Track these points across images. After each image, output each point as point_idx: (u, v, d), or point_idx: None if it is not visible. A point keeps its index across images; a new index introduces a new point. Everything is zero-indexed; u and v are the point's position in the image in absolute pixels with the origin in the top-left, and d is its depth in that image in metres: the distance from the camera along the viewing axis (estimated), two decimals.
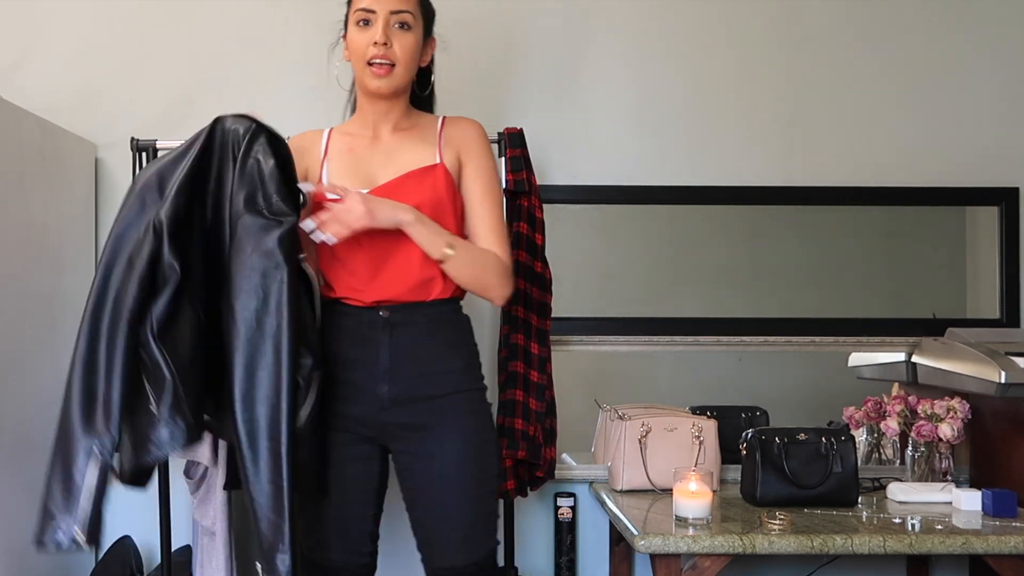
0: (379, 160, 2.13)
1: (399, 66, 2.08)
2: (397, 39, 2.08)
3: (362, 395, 2.08)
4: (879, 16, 3.15)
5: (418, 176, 2.09)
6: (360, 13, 2.09)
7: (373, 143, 2.16)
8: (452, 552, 2.09)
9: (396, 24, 2.08)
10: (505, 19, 3.09)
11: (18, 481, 2.57)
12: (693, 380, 3.19)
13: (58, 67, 3.04)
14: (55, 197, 2.79)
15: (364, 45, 2.08)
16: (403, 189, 2.07)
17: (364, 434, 2.11)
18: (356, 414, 2.09)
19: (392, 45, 2.07)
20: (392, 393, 2.07)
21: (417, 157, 2.12)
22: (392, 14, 2.07)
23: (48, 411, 2.72)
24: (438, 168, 2.11)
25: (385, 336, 2.07)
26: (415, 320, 2.08)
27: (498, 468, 2.17)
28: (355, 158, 2.14)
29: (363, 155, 2.14)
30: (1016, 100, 3.15)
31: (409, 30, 2.09)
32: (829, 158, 3.13)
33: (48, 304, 2.74)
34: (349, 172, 2.12)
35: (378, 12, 2.07)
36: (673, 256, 3.21)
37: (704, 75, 3.13)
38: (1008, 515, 2.46)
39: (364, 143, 2.16)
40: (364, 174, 2.11)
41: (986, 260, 3.16)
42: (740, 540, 2.25)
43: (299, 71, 3.05)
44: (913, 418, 2.79)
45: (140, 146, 2.73)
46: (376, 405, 2.08)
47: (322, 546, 2.10)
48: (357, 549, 2.13)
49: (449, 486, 2.07)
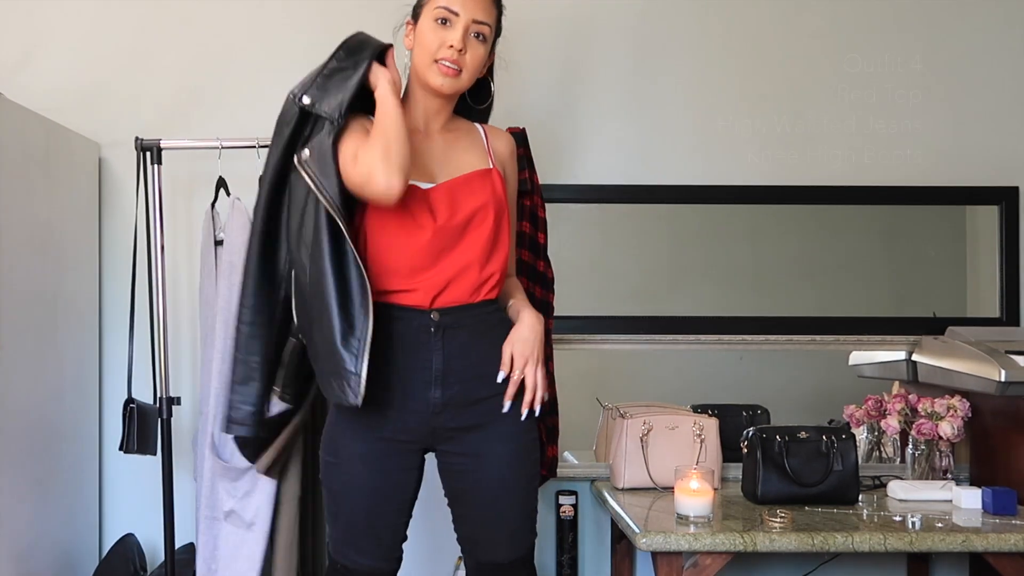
0: (435, 157, 2.12)
1: (465, 72, 2.07)
2: (471, 48, 2.07)
3: (412, 401, 2.05)
4: (879, 16, 3.16)
5: (481, 177, 2.10)
6: (442, 11, 2.06)
7: (426, 138, 2.13)
8: (498, 548, 2.10)
9: (474, 33, 2.07)
10: (507, 19, 3.09)
11: (21, 480, 2.58)
12: (694, 379, 3.19)
13: (62, 67, 3.05)
14: (59, 196, 2.80)
15: (438, 44, 2.06)
16: (471, 187, 2.08)
17: (408, 441, 2.08)
18: (405, 421, 2.06)
19: (466, 52, 2.06)
20: (444, 398, 2.05)
21: (472, 160, 2.13)
22: (474, 23, 2.06)
23: (50, 411, 2.74)
24: (495, 172, 2.13)
25: (437, 340, 2.05)
26: (464, 322, 2.06)
27: (541, 463, 2.18)
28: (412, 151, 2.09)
29: (419, 148, 2.11)
30: (1016, 100, 3.16)
31: (484, 42, 2.09)
32: (829, 158, 3.13)
33: (51, 303, 2.75)
34: None
35: (461, 16, 2.05)
36: (674, 255, 3.22)
37: (705, 75, 3.14)
38: (1008, 513, 2.47)
39: (418, 136, 2.13)
40: (423, 167, 2.09)
41: (986, 259, 3.17)
42: (741, 538, 2.26)
43: (305, 71, 3.05)
44: (913, 416, 2.80)
45: (144, 146, 2.73)
46: (427, 410, 2.05)
47: (354, 551, 2.10)
48: (388, 555, 2.12)
49: (501, 486, 2.07)
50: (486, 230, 2.06)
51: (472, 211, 2.06)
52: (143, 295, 2.77)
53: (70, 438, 2.85)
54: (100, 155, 3.05)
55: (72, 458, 2.86)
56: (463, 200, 2.06)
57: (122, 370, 2.81)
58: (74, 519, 2.87)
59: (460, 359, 2.05)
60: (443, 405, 2.05)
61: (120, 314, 2.94)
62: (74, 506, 2.87)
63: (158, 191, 2.73)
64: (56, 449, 2.76)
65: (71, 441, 2.85)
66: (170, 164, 2.82)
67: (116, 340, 3.01)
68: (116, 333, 3.01)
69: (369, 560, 2.10)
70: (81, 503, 2.92)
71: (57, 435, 2.77)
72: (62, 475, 2.80)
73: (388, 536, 2.11)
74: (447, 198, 2.06)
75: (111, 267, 3.04)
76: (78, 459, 2.90)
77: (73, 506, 2.86)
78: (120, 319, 2.94)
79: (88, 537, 2.96)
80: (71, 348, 2.87)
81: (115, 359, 3.01)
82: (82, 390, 2.93)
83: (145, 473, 2.97)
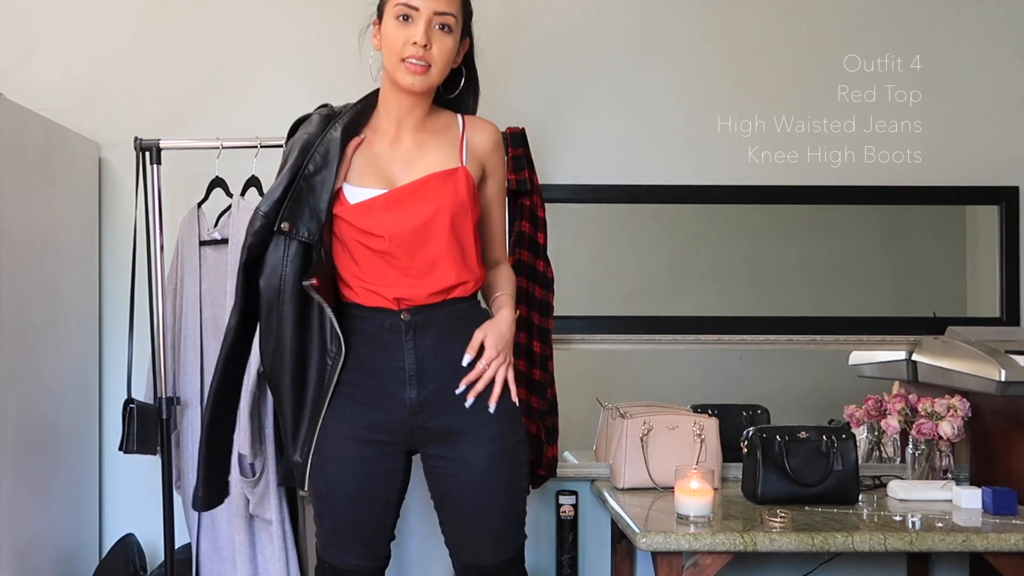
0: (400, 161, 2.08)
1: (435, 67, 2.02)
2: (437, 41, 2.00)
3: (390, 402, 2.05)
4: (879, 16, 3.16)
5: (440, 179, 2.05)
6: (402, 7, 2.00)
7: (394, 143, 2.09)
8: (483, 552, 2.09)
9: (437, 25, 2.00)
10: (507, 18, 3.09)
11: (22, 479, 2.58)
12: (694, 378, 3.19)
13: (62, 67, 3.05)
14: (59, 196, 2.79)
15: (402, 42, 2.00)
16: (425, 192, 2.04)
17: (390, 442, 2.08)
18: (384, 422, 2.06)
19: (431, 47, 2.00)
20: (420, 397, 2.04)
21: (439, 159, 2.07)
22: (436, 15, 1.99)
23: (50, 411, 2.74)
24: (459, 172, 2.06)
25: (409, 340, 2.04)
26: (436, 320, 2.05)
27: (528, 467, 2.15)
28: (375, 156, 2.09)
29: (383, 153, 2.09)
30: (1016, 100, 3.16)
31: (449, 32, 2.02)
32: (829, 158, 3.13)
33: (52, 303, 2.75)
34: (369, 171, 2.07)
35: (421, 11, 1.99)
36: (674, 255, 3.22)
37: (705, 75, 3.14)
38: (1008, 513, 2.47)
39: (386, 141, 2.10)
40: (384, 175, 2.07)
41: (986, 259, 3.17)
42: (741, 538, 2.26)
43: (306, 70, 3.06)
44: (913, 416, 2.80)
45: (144, 146, 2.73)
46: (405, 411, 2.05)
47: (341, 551, 2.10)
48: (374, 554, 2.12)
49: (481, 490, 2.05)
50: (443, 235, 2.02)
51: (426, 217, 2.02)
52: (143, 295, 2.77)
53: (70, 438, 2.85)
54: (100, 155, 3.05)
55: (72, 458, 2.86)
56: (415, 206, 2.02)
57: (122, 370, 2.81)
58: (74, 519, 2.87)
59: (433, 357, 2.05)
60: (420, 405, 2.04)
61: (120, 314, 2.94)
62: (74, 506, 2.87)
63: (158, 191, 2.74)
64: (56, 449, 2.76)
65: (71, 441, 2.85)
66: (170, 164, 2.82)
67: (116, 340, 3.01)
68: (116, 333, 3.01)
69: (356, 560, 2.10)
70: (81, 503, 2.92)
71: (57, 435, 2.77)
72: (62, 475, 2.79)
73: (374, 536, 2.11)
74: (399, 204, 2.03)
75: (111, 267, 3.04)
76: (78, 459, 2.90)
77: (73, 506, 2.86)
78: (120, 319, 2.94)
79: (88, 537, 2.96)
80: (71, 348, 2.86)
81: (115, 359, 3.01)
82: (82, 390, 2.93)
83: (145, 473, 2.97)
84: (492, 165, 2.15)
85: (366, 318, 2.06)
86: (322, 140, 2.05)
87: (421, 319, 2.04)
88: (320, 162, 2.04)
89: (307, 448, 2.06)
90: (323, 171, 2.03)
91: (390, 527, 2.14)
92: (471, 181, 2.08)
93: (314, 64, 3.07)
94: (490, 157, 2.14)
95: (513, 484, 2.09)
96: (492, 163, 2.15)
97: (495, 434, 2.06)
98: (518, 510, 2.12)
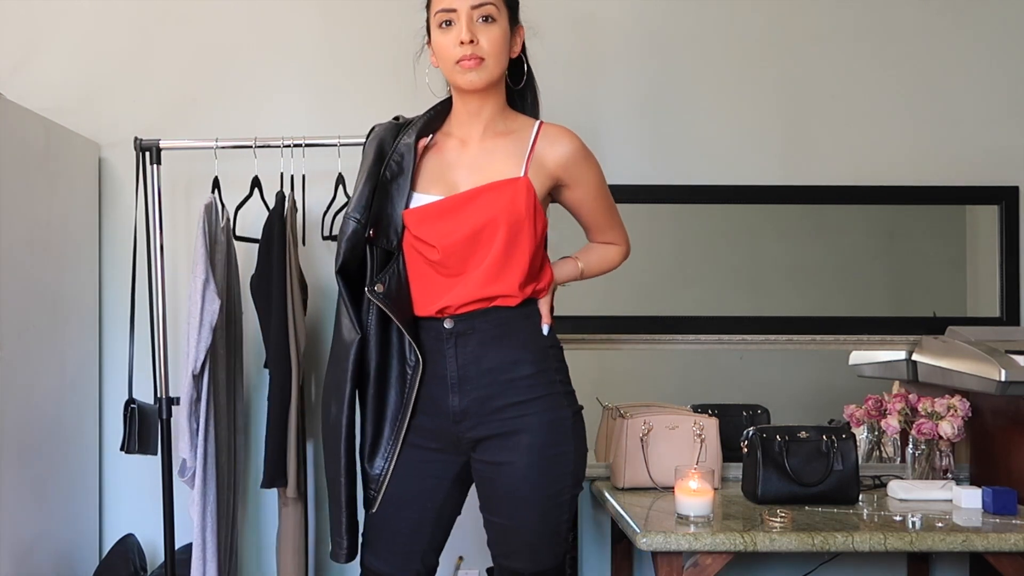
0: (466, 167, 2.05)
1: (489, 59, 1.98)
2: (483, 33, 1.98)
3: (436, 409, 2.05)
4: (879, 16, 3.16)
5: (497, 189, 2.00)
6: (441, 15, 1.99)
7: (463, 148, 2.07)
8: (518, 558, 2.09)
9: (479, 18, 1.98)
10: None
11: (23, 479, 2.58)
12: (694, 378, 3.19)
13: (62, 67, 3.05)
14: (59, 197, 2.80)
15: (450, 46, 1.98)
16: (479, 201, 2.00)
17: (437, 449, 2.07)
18: (431, 428, 2.05)
19: (479, 41, 1.97)
20: (463, 405, 2.02)
21: (504, 168, 2.02)
22: (473, 8, 1.97)
23: (50, 411, 2.74)
24: (520, 183, 2.00)
25: (451, 348, 2.03)
26: (477, 327, 2.02)
27: (574, 478, 2.09)
28: (443, 163, 2.07)
29: (452, 159, 2.07)
30: (1016, 100, 3.16)
31: (494, 22, 1.99)
32: (829, 158, 3.14)
33: (52, 303, 2.75)
34: (435, 178, 2.05)
35: (459, 9, 1.97)
36: (674, 255, 3.22)
37: (706, 75, 3.14)
38: (1008, 513, 2.47)
39: (456, 145, 2.08)
40: (449, 181, 2.04)
41: (986, 259, 3.17)
42: (741, 538, 2.26)
43: (307, 70, 3.06)
44: (914, 416, 2.80)
45: (143, 146, 2.73)
46: (449, 418, 2.04)
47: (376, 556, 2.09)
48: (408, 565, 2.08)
49: (517, 499, 2.03)
50: (494, 245, 1.98)
51: (477, 226, 1.98)
52: (143, 295, 2.77)
53: (70, 438, 2.85)
54: (100, 155, 3.06)
55: (72, 458, 2.86)
56: (468, 215, 1.99)
57: (122, 370, 2.81)
58: (74, 519, 2.87)
59: (474, 365, 2.02)
60: (463, 413, 2.02)
61: (120, 314, 2.95)
62: (74, 506, 2.87)
63: (157, 191, 2.74)
64: (56, 449, 2.76)
65: (71, 441, 2.85)
66: (169, 164, 2.83)
67: (116, 340, 3.01)
68: (116, 333, 3.01)
69: (387, 567, 2.08)
70: (81, 503, 2.92)
71: (57, 435, 2.77)
72: (62, 475, 2.79)
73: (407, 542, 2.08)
74: (452, 212, 2.00)
75: (111, 267, 3.04)
76: (78, 459, 2.90)
77: (73, 506, 2.86)
78: (120, 319, 2.94)
79: (88, 537, 2.96)
80: (71, 348, 2.87)
81: (115, 359, 3.01)
82: (82, 390, 2.93)
83: (145, 473, 2.97)
84: (574, 176, 2.09)
85: (418, 326, 2.05)
86: (396, 147, 2.05)
87: (463, 327, 2.02)
88: (396, 169, 2.03)
89: (388, 461, 2.04)
90: (399, 178, 2.03)
91: (426, 537, 2.09)
92: (531, 193, 2.00)
93: (314, 64, 3.07)
94: (568, 169, 2.07)
95: (551, 497, 2.04)
96: (573, 174, 2.08)
97: (533, 443, 2.02)
98: (555, 521, 2.07)
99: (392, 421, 2.05)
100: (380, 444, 2.05)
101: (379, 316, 2.04)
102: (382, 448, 2.05)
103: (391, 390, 2.05)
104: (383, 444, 2.05)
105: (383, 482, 2.05)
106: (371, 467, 2.05)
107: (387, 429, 2.05)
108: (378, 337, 2.04)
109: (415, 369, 2.03)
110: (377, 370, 2.05)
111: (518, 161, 2.03)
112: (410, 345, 2.03)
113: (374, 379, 2.05)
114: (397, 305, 2.02)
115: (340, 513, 2.07)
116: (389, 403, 2.06)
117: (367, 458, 2.06)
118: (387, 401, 2.06)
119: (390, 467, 2.04)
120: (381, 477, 2.05)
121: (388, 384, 2.06)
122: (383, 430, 2.05)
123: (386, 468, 2.04)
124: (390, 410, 2.06)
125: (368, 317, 2.04)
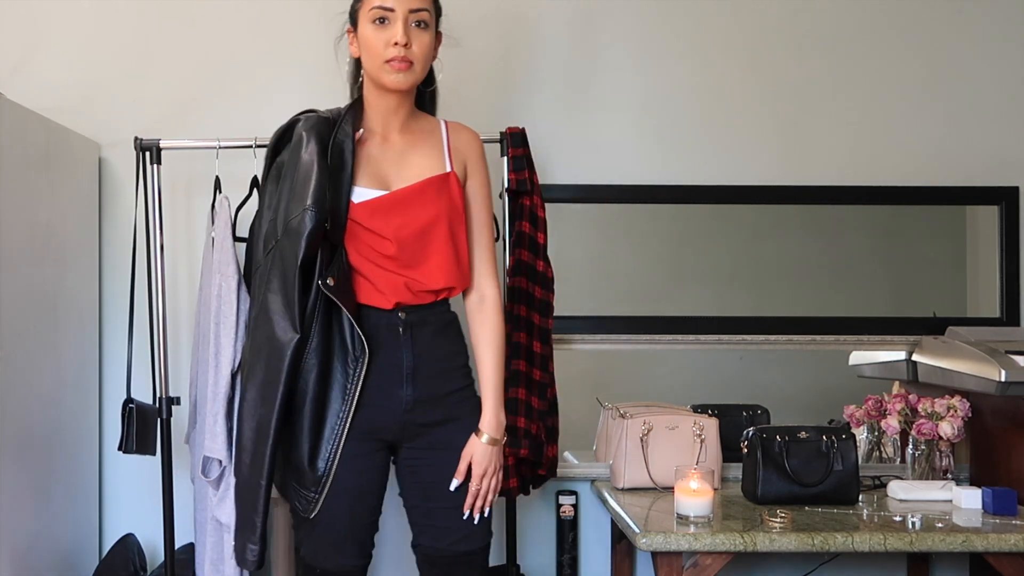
0: (391, 162, 2.12)
1: (417, 63, 2.07)
2: (416, 38, 2.06)
3: (386, 400, 2.09)
4: (879, 16, 3.16)
5: (436, 184, 2.10)
6: (378, 11, 2.05)
7: (384, 144, 2.15)
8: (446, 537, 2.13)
9: (414, 23, 2.06)
10: (508, 19, 3.10)
11: (22, 479, 2.57)
12: (694, 379, 3.19)
13: (62, 67, 3.05)
14: (59, 197, 2.79)
15: (382, 45, 2.05)
16: (423, 197, 2.09)
17: (381, 439, 2.12)
18: (380, 419, 2.09)
19: (412, 45, 2.05)
20: (415, 395, 2.09)
21: (429, 163, 2.13)
22: (411, 12, 2.05)
23: (50, 410, 2.74)
24: (451, 177, 2.13)
25: (407, 338, 2.09)
26: (428, 320, 2.12)
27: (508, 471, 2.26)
28: (370, 156, 2.13)
29: (376, 154, 2.13)
30: (1016, 100, 3.16)
31: (426, 28, 2.08)
32: (829, 158, 3.13)
33: (52, 303, 2.75)
34: (367, 171, 2.10)
35: (397, 11, 2.04)
36: (674, 255, 3.22)
37: (706, 75, 3.13)
38: (1008, 513, 2.47)
39: (377, 142, 2.15)
40: (379, 175, 2.11)
41: (986, 259, 3.17)
42: (741, 538, 2.26)
43: (307, 70, 3.06)
44: (913, 416, 2.80)
45: (144, 146, 2.73)
46: (400, 408, 2.09)
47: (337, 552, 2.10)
48: (365, 551, 2.15)
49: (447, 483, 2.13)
50: (441, 239, 2.08)
51: (428, 221, 2.07)
52: (143, 295, 2.77)
53: (70, 438, 2.85)
54: (100, 155, 3.05)
55: (72, 458, 2.86)
56: (418, 210, 2.07)
57: (122, 370, 2.81)
58: (74, 519, 2.87)
59: (427, 356, 2.10)
60: (414, 402, 2.09)
61: (120, 314, 2.94)
62: (74, 506, 2.87)
63: (157, 191, 2.74)
64: (56, 449, 2.76)
65: (71, 441, 2.85)
66: (170, 164, 2.82)
67: (116, 340, 3.01)
68: (116, 333, 3.01)
69: (351, 559, 2.12)
70: (81, 503, 2.92)
71: (57, 435, 2.77)
72: (62, 475, 2.79)
73: (365, 533, 2.14)
74: (403, 207, 2.07)
75: (111, 267, 3.04)
76: (78, 459, 2.90)
77: (73, 506, 2.86)
78: (120, 319, 2.94)
79: (88, 537, 2.96)
80: (71, 348, 2.86)
81: (115, 359, 3.01)
82: (82, 390, 2.93)
83: (145, 473, 2.97)
84: (473, 169, 2.20)
85: (364, 317, 2.08)
86: (335, 138, 2.08)
87: (416, 318, 2.09)
88: (338, 162, 2.07)
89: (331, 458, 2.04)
90: (341, 172, 2.07)
91: (371, 527, 2.16)
92: (460, 187, 2.15)
93: (314, 64, 3.06)
94: (472, 159, 2.20)
95: None
96: (473, 166, 2.20)
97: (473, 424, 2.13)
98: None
99: (334, 417, 2.05)
100: (321, 444, 2.05)
101: (324, 314, 2.04)
102: (323, 448, 2.04)
103: (333, 388, 2.06)
104: (324, 444, 2.04)
105: (326, 481, 2.04)
106: (312, 469, 2.04)
107: (327, 428, 2.05)
108: (321, 335, 2.04)
109: (359, 361, 2.04)
110: (319, 370, 2.03)
111: (440, 156, 2.14)
112: (357, 337, 2.04)
113: (315, 380, 2.03)
114: (347, 297, 2.05)
115: (256, 517, 2.07)
116: (331, 401, 2.06)
117: (307, 461, 2.04)
118: (328, 400, 2.06)
119: (334, 463, 2.04)
120: (324, 476, 2.04)
121: (330, 383, 2.06)
122: (323, 430, 2.05)
123: (329, 466, 2.04)
124: (332, 408, 2.05)
125: (312, 316, 2.03)
